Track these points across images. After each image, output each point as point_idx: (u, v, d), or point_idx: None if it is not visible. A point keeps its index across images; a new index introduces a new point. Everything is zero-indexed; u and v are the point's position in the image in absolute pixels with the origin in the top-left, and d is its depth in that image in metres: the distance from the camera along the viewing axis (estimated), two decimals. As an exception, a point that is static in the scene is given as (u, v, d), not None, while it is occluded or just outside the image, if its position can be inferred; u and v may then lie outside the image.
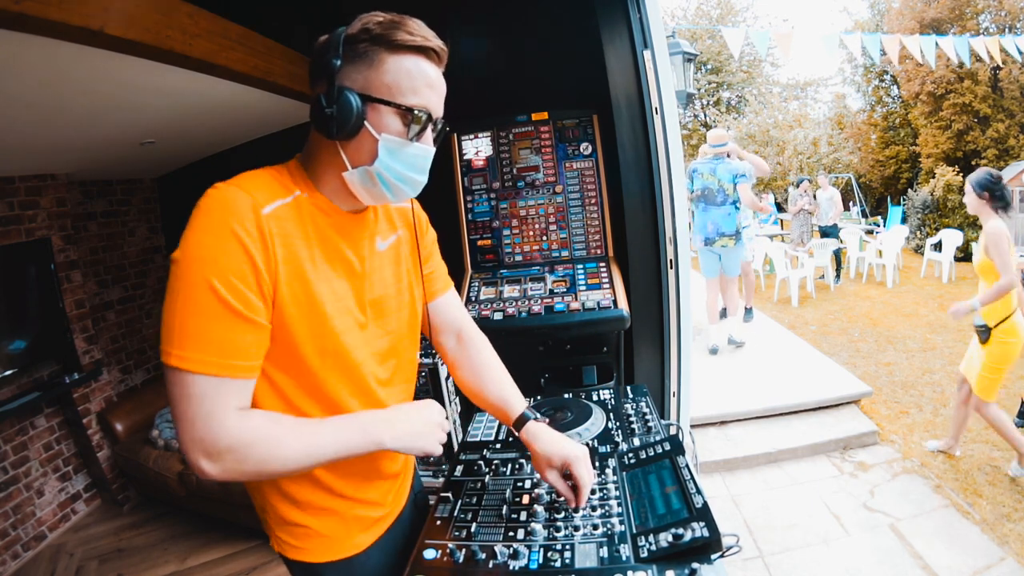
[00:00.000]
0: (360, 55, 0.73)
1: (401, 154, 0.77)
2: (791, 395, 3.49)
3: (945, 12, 10.70)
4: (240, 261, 0.67)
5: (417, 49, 0.74)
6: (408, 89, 0.74)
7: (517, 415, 0.99)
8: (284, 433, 0.72)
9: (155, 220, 3.57)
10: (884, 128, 13.29)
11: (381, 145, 0.75)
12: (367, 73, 0.74)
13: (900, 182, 12.74)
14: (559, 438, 0.95)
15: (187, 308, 0.66)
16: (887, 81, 13.48)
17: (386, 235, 0.94)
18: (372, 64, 0.73)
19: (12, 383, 2.58)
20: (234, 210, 0.68)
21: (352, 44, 0.73)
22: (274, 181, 0.77)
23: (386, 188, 0.79)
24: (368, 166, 0.76)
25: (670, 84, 1.67)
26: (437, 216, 1.14)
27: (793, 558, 2.29)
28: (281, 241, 0.72)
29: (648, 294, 1.84)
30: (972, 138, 10.53)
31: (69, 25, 1.09)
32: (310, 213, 0.79)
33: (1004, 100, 10.22)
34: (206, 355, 0.66)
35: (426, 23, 0.78)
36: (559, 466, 0.92)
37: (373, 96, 0.74)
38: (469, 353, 1.07)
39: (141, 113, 2.03)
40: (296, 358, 0.78)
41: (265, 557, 2.42)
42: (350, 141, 0.76)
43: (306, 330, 0.76)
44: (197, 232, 0.67)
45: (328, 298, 0.79)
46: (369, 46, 0.73)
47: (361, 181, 0.78)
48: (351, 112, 0.72)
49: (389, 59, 0.73)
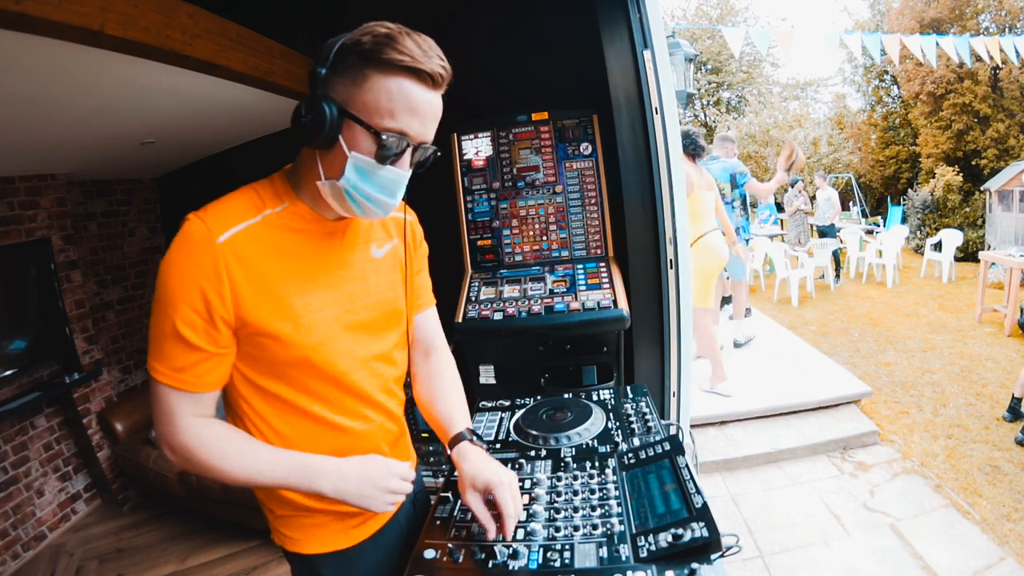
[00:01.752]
0: (348, 67, 0.71)
1: (370, 176, 0.75)
2: (791, 395, 3.49)
3: (945, 12, 10.69)
4: (193, 298, 0.73)
5: (405, 70, 0.70)
6: (386, 112, 0.71)
7: (455, 433, 0.97)
8: (229, 451, 0.79)
9: (155, 220, 3.57)
10: (884, 128, 13.27)
11: (349, 163, 0.73)
12: (350, 88, 0.72)
13: (900, 182, 12.72)
14: (489, 462, 0.91)
15: (154, 329, 0.75)
16: (887, 81, 13.46)
17: (382, 242, 0.94)
18: (356, 80, 0.71)
19: (12, 383, 2.58)
20: (190, 249, 0.73)
21: (343, 55, 0.72)
22: (246, 202, 0.79)
23: (354, 204, 0.77)
24: (337, 180, 0.75)
25: (670, 84, 1.67)
26: (437, 216, 1.14)
27: (793, 558, 2.29)
28: (240, 264, 0.74)
29: (648, 294, 1.84)
30: (972, 138, 10.51)
31: (69, 25, 1.09)
32: (286, 227, 0.80)
33: (1004, 100, 10.21)
34: (166, 369, 0.75)
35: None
36: (481, 490, 0.86)
37: (350, 112, 0.72)
38: (431, 370, 1.08)
39: (141, 113, 2.03)
40: (279, 369, 0.81)
41: (265, 557, 2.42)
42: (327, 152, 0.75)
43: (284, 344, 0.79)
44: (164, 263, 0.74)
45: (305, 311, 0.80)
46: (357, 60, 0.71)
47: (332, 193, 0.77)
48: (324, 124, 0.71)
49: (374, 77, 0.70)
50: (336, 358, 0.84)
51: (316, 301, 0.82)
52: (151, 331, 0.75)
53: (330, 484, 0.81)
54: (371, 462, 0.87)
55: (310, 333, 0.80)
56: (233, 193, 0.80)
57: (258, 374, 0.82)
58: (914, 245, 9.52)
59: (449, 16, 2.05)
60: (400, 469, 0.88)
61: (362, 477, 0.83)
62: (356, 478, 0.83)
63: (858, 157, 13.56)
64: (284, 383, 0.82)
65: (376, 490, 0.84)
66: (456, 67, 0.76)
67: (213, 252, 0.73)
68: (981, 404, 3.61)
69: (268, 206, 0.79)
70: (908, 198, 10.24)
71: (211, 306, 0.73)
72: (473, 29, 2.09)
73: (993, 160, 10.22)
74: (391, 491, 0.85)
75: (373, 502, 0.84)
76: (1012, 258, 5.00)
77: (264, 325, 0.77)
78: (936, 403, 3.66)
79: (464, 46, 2.04)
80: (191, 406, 0.77)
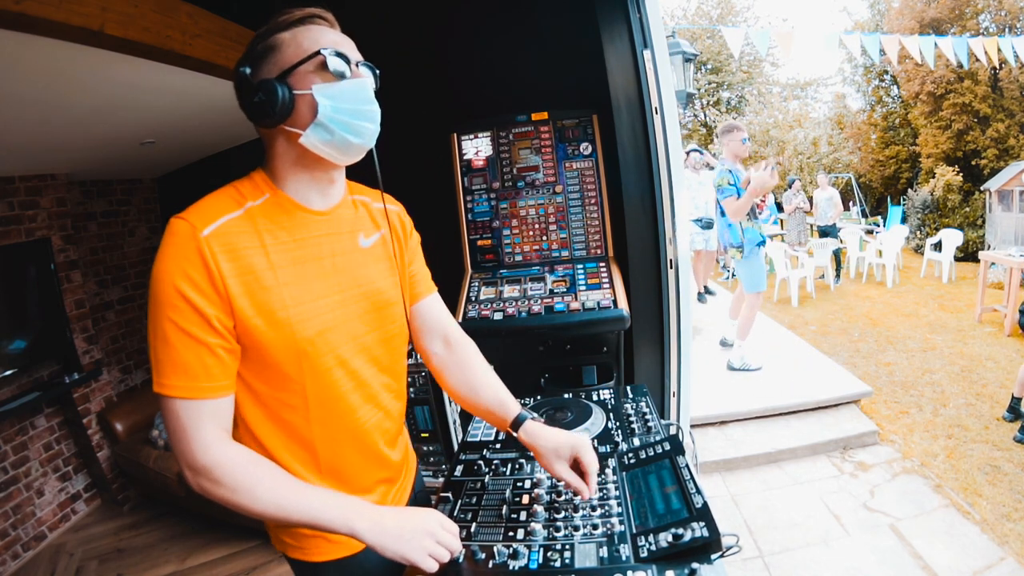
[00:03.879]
0: (265, 51, 0.79)
1: (339, 94, 0.78)
2: (791, 395, 3.48)
3: (945, 12, 10.69)
4: (187, 291, 0.72)
5: (303, 19, 0.80)
6: (310, 42, 0.78)
7: (513, 416, 0.98)
8: (261, 475, 0.75)
9: (155, 220, 3.58)
10: (884, 128, 13.27)
11: (315, 95, 0.77)
12: (274, 57, 0.78)
13: (900, 182, 12.73)
14: (560, 431, 0.96)
15: (157, 339, 0.73)
16: (887, 81, 13.45)
17: (369, 232, 0.93)
18: (274, 49, 0.78)
19: (12, 383, 2.58)
20: (176, 246, 0.73)
21: (254, 49, 0.79)
22: (227, 198, 0.79)
23: (346, 131, 0.79)
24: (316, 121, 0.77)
25: (670, 84, 1.67)
26: (437, 216, 1.14)
27: (793, 558, 2.29)
28: (226, 256, 0.74)
29: (648, 294, 1.84)
30: (972, 138, 10.52)
31: (69, 25, 1.09)
32: (269, 218, 0.80)
33: (1004, 100, 10.21)
34: (177, 380, 0.73)
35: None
36: (568, 457, 0.92)
37: (286, 68, 0.77)
38: (459, 358, 1.05)
39: (141, 113, 2.03)
40: (272, 368, 0.80)
41: (265, 557, 2.42)
42: (291, 115, 0.78)
43: (273, 338, 0.78)
44: (154, 269, 0.73)
45: (294, 302, 0.79)
46: (262, 40, 0.79)
47: (319, 137, 0.78)
48: (275, 89, 0.75)
49: (283, 35, 0.78)
50: (328, 348, 0.83)
51: (304, 291, 0.81)
52: (152, 347, 0.73)
53: (368, 523, 0.76)
54: (418, 510, 0.83)
55: (300, 323, 0.79)
56: (213, 193, 0.80)
57: (249, 372, 0.80)
58: (914, 245, 9.52)
59: (449, 16, 2.06)
60: (452, 526, 0.82)
61: (401, 519, 0.79)
62: (394, 519, 0.78)
63: (858, 157, 13.57)
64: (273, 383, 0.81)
65: (416, 534, 0.77)
66: (456, 67, 0.77)
67: (199, 245, 0.73)
68: (981, 404, 3.61)
69: (249, 199, 0.80)
70: (908, 198, 10.24)
71: (206, 296, 0.73)
72: (473, 29, 2.09)
73: (993, 160, 10.22)
74: (438, 541, 0.78)
75: (410, 546, 0.76)
76: (1012, 258, 5.00)
77: (253, 317, 0.76)
78: (936, 403, 3.66)
79: (464, 46, 2.05)
80: (209, 419, 0.74)
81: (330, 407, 0.85)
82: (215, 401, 0.75)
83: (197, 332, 0.73)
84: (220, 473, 0.73)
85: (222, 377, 0.76)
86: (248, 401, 0.81)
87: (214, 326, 0.74)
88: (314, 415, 0.84)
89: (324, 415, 0.85)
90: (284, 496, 0.75)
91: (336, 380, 0.85)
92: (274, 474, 0.77)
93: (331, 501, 0.77)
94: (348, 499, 0.80)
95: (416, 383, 1.88)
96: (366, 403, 0.90)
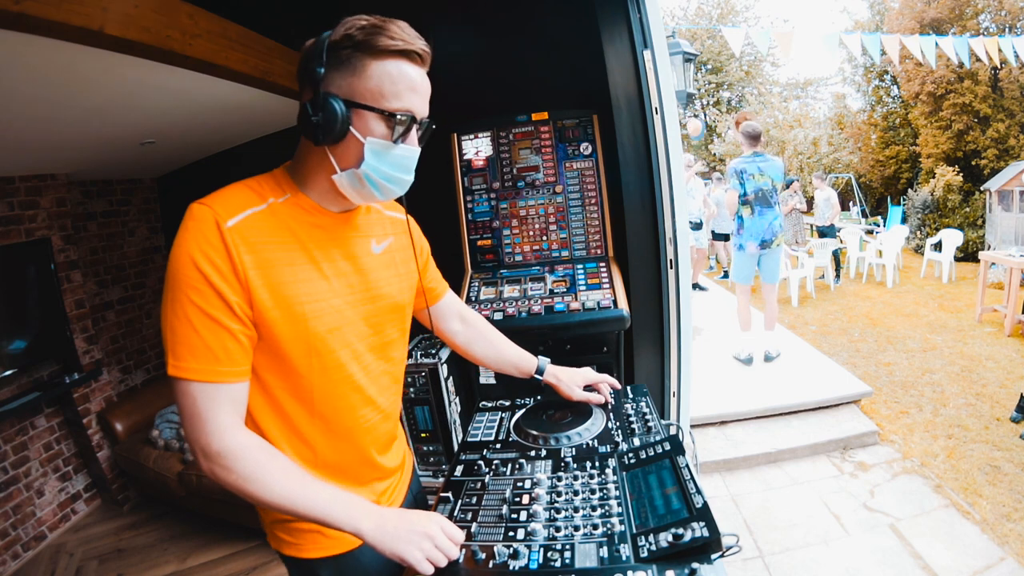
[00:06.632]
0: (344, 61, 0.75)
1: (387, 156, 0.79)
2: (791, 395, 3.49)
3: (945, 12, 10.68)
4: (209, 273, 0.72)
5: (399, 53, 0.76)
6: (391, 94, 0.76)
7: (535, 366, 1.24)
8: (273, 467, 0.76)
9: (155, 220, 3.57)
10: (884, 128, 13.26)
11: (367, 148, 0.77)
12: (351, 79, 0.76)
13: (900, 182, 12.72)
14: (573, 369, 1.27)
15: (175, 321, 0.72)
16: (887, 81, 13.44)
17: (380, 239, 0.96)
18: (355, 70, 0.75)
19: (12, 383, 2.58)
20: (200, 230, 0.73)
21: (335, 51, 0.76)
22: (249, 192, 0.80)
23: (374, 188, 0.81)
24: (355, 168, 0.79)
25: (670, 84, 1.67)
26: (437, 216, 1.15)
27: (793, 558, 2.29)
28: (248, 248, 0.75)
29: (648, 294, 1.84)
30: (972, 138, 10.51)
31: (69, 25, 1.09)
32: (290, 216, 0.81)
33: (1004, 100, 10.20)
34: (196, 363, 0.72)
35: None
36: (582, 384, 1.25)
37: (357, 102, 0.76)
38: (480, 329, 1.22)
39: (141, 113, 2.03)
40: (282, 360, 0.80)
41: (265, 557, 2.42)
42: (337, 145, 0.78)
43: (288, 331, 0.79)
44: (174, 251, 0.73)
45: (309, 299, 0.81)
46: (352, 52, 0.75)
47: (350, 183, 0.80)
48: (336, 119, 0.75)
49: (372, 65, 0.75)
50: (337, 346, 0.84)
51: (320, 289, 0.82)
52: (167, 328, 0.72)
53: (372, 523, 0.77)
54: (422, 513, 0.83)
55: (314, 320, 0.81)
56: (232, 185, 0.80)
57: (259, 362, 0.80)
58: (914, 245, 9.52)
59: (449, 17, 2.06)
60: (453, 531, 0.82)
61: (404, 520, 0.80)
62: (396, 520, 0.80)
63: (858, 157, 13.56)
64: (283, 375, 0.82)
65: (416, 536, 0.78)
66: (456, 67, 0.77)
67: (223, 235, 0.73)
68: (981, 404, 3.60)
69: (271, 196, 0.81)
70: (908, 198, 10.23)
71: (228, 283, 0.73)
72: (473, 29, 2.09)
73: (993, 160, 10.21)
74: (436, 545, 0.78)
75: (408, 547, 0.77)
76: (1012, 258, 5.00)
77: (272, 308, 0.77)
78: (936, 403, 3.66)
79: (465, 46, 2.05)
80: (225, 403, 0.74)
81: (333, 404, 0.86)
82: (234, 386, 0.75)
83: (220, 316, 0.73)
84: (233, 460, 0.73)
85: (243, 362, 0.76)
86: (254, 390, 0.82)
87: (236, 312, 0.74)
88: (317, 410, 0.85)
89: (327, 411, 0.86)
90: (293, 489, 0.76)
91: (341, 378, 0.86)
92: (285, 466, 0.77)
93: (338, 498, 0.79)
94: (354, 498, 0.81)
95: (416, 383, 1.88)
96: (366, 404, 0.91)
